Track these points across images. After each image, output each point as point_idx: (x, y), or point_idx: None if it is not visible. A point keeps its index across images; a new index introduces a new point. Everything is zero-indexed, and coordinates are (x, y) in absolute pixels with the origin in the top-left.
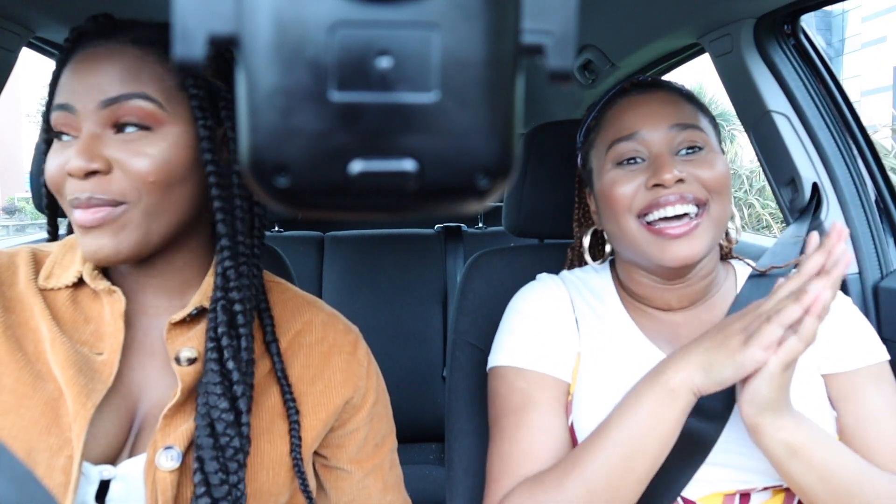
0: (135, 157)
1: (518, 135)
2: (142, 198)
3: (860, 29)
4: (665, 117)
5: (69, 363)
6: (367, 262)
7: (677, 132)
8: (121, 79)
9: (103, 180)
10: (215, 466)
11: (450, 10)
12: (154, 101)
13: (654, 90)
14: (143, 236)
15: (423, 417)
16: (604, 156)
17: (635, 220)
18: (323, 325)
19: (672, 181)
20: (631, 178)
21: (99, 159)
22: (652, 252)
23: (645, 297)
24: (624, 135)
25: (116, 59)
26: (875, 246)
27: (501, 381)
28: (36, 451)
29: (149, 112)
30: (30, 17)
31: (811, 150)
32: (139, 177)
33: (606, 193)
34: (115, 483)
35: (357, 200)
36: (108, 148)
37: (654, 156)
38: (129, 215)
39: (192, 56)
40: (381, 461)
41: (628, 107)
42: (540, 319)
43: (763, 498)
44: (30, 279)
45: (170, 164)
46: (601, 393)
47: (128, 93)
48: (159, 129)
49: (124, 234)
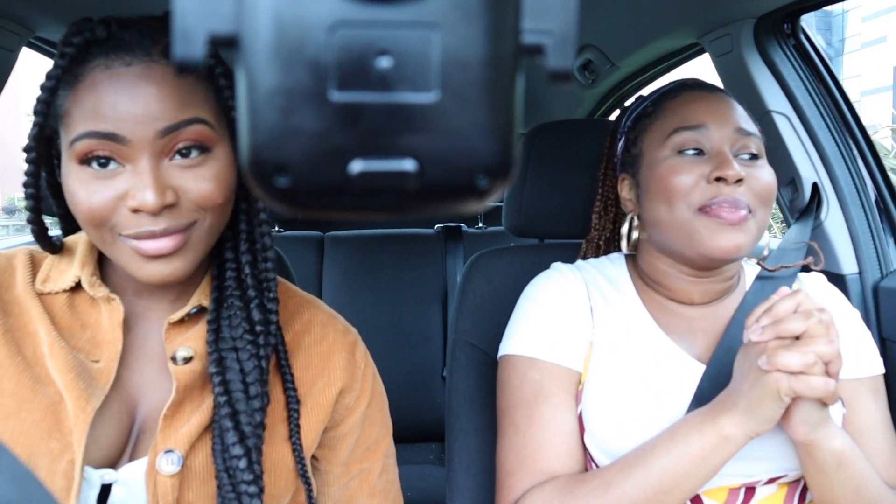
0: (202, 182)
1: (518, 135)
2: (206, 218)
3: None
4: (732, 119)
5: (68, 367)
6: (367, 262)
7: (740, 136)
8: (177, 105)
9: (174, 210)
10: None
11: (450, 10)
12: (208, 123)
13: (719, 92)
14: (203, 253)
15: (423, 417)
16: (662, 142)
17: (689, 210)
18: (322, 325)
19: (734, 177)
20: (691, 168)
21: (169, 192)
22: (702, 237)
23: (668, 287)
24: (691, 124)
25: (166, 83)
26: (875, 246)
27: (514, 370)
28: (37, 456)
29: (206, 135)
30: (30, 17)
31: (811, 150)
32: (208, 200)
33: (664, 179)
34: (116, 487)
35: (357, 200)
36: (172, 178)
37: (717, 151)
38: (196, 236)
39: (192, 56)
40: (369, 465)
41: (695, 100)
42: (554, 309)
43: (768, 491)
44: (27, 282)
45: (230, 181)
46: (613, 383)
47: (187, 119)
48: (215, 149)
49: (191, 254)
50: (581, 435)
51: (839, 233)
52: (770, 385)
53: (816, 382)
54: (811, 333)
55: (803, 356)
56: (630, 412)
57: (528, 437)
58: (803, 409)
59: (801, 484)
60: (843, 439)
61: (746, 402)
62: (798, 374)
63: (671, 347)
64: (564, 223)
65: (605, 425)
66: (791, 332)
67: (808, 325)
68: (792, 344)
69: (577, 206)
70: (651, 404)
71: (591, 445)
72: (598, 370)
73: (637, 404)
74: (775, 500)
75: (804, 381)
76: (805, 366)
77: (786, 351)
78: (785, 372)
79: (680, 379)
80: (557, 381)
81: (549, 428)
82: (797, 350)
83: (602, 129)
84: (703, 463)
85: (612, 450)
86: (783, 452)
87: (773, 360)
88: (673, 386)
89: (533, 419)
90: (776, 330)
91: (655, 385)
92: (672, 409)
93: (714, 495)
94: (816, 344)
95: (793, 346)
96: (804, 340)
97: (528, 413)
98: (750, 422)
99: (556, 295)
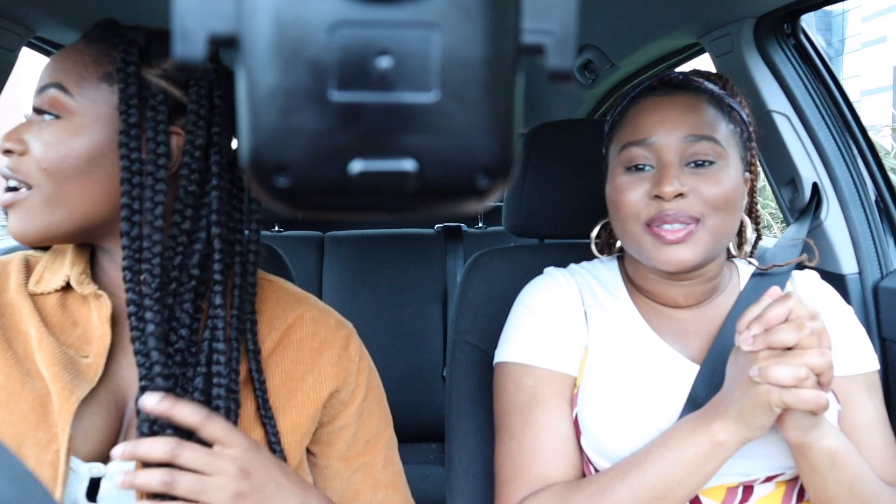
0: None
1: (518, 135)
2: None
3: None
4: (681, 125)
5: (54, 361)
6: (367, 262)
7: (690, 143)
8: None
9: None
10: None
11: (450, 9)
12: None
13: (677, 93)
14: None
15: (422, 417)
16: (617, 157)
17: (639, 226)
18: (314, 320)
19: (671, 195)
20: (637, 185)
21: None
22: (650, 253)
23: (652, 292)
24: (637, 139)
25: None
26: (875, 246)
27: (508, 377)
28: (25, 447)
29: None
30: (30, 17)
31: (811, 150)
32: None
33: (614, 198)
34: (105, 481)
35: (357, 200)
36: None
37: (662, 165)
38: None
39: (192, 56)
40: (371, 458)
41: (646, 109)
42: (548, 315)
43: (766, 490)
44: (20, 284)
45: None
46: (608, 386)
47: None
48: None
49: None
50: (577, 438)
51: (839, 233)
52: (761, 396)
53: (808, 395)
54: (803, 345)
55: (795, 369)
56: (625, 414)
57: (524, 444)
58: (795, 417)
59: (799, 482)
60: (836, 438)
61: (738, 410)
62: (790, 388)
63: (664, 349)
64: (564, 223)
65: (601, 428)
66: (783, 343)
67: (800, 337)
68: (783, 355)
69: (576, 206)
70: (646, 406)
71: (588, 448)
72: (592, 373)
73: (632, 406)
74: (773, 498)
75: (795, 395)
76: (797, 380)
77: (777, 365)
78: (776, 385)
79: (674, 380)
80: (552, 387)
81: (544, 434)
82: (789, 363)
83: (602, 129)
84: (696, 469)
85: (608, 452)
86: (780, 451)
87: (764, 373)
88: (667, 387)
89: (528, 425)
90: (767, 340)
91: (650, 387)
92: (667, 410)
93: (712, 494)
94: (808, 356)
95: (784, 358)
96: (796, 352)
97: (522, 419)
98: (742, 429)
99: (549, 301)
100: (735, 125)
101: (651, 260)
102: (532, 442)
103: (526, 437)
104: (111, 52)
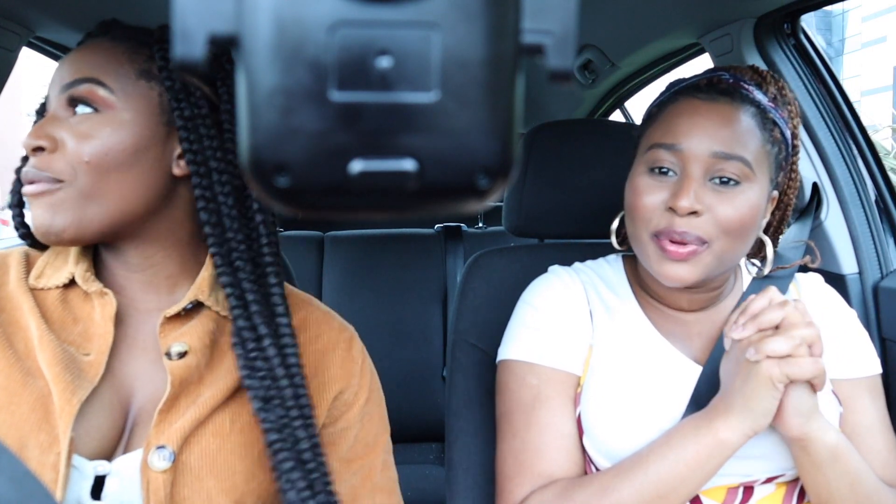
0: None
1: (518, 135)
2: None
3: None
4: (715, 138)
5: (55, 360)
6: (367, 262)
7: (719, 159)
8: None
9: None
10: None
11: (450, 9)
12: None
13: (720, 100)
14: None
15: (422, 417)
16: (643, 154)
17: (647, 233)
18: (317, 323)
19: (685, 211)
20: (656, 191)
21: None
22: (651, 263)
23: (658, 294)
24: (666, 142)
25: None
26: (875, 246)
27: (512, 375)
28: (27, 448)
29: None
30: (30, 17)
31: (811, 149)
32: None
33: (631, 198)
34: (110, 479)
35: (357, 200)
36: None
37: (684, 175)
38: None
39: (192, 56)
40: (370, 461)
41: (683, 111)
42: (553, 313)
43: (767, 490)
44: (20, 278)
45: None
46: (611, 386)
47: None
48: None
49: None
50: (580, 437)
51: (839, 233)
52: (763, 374)
53: (806, 363)
54: (790, 321)
55: (789, 339)
56: (628, 414)
57: (527, 442)
58: (795, 398)
59: (799, 484)
60: (836, 434)
61: (742, 398)
62: (787, 358)
63: (668, 350)
64: (564, 223)
65: (604, 427)
66: (771, 322)
67: (786, 313)
68: (774, 332)
69: (577, 206)
70: (649, 406)
71: (590, 447)
72: (596, 373)
73: (635, 406)
74: (773, 499)
75: (795, 364)
76: (793, 348)
77: (771, 338)
78: (774, 357)
79: (677, 380)
80: (556, 386)
81: (548, 432)
82: (782, 335)
83: (602, 129)
84: (699, 467)
85: (610, 451)
86: (780, 452)
87: (761, 348)
88: (670, 387)
89: (531, 423)
90: (756, 323)
91: (653, 387)
92: (670, 410)
93: (712, 495)
94: (798, 328)
95: (776, 333)
96: (785, 327)
97: (526, 418)
98: (747, 420)
99: (554, 299)
100: (773, 144)
101: (651, 269)
102: (535, 439)
103: (529, 434)
104: (142, 50)
